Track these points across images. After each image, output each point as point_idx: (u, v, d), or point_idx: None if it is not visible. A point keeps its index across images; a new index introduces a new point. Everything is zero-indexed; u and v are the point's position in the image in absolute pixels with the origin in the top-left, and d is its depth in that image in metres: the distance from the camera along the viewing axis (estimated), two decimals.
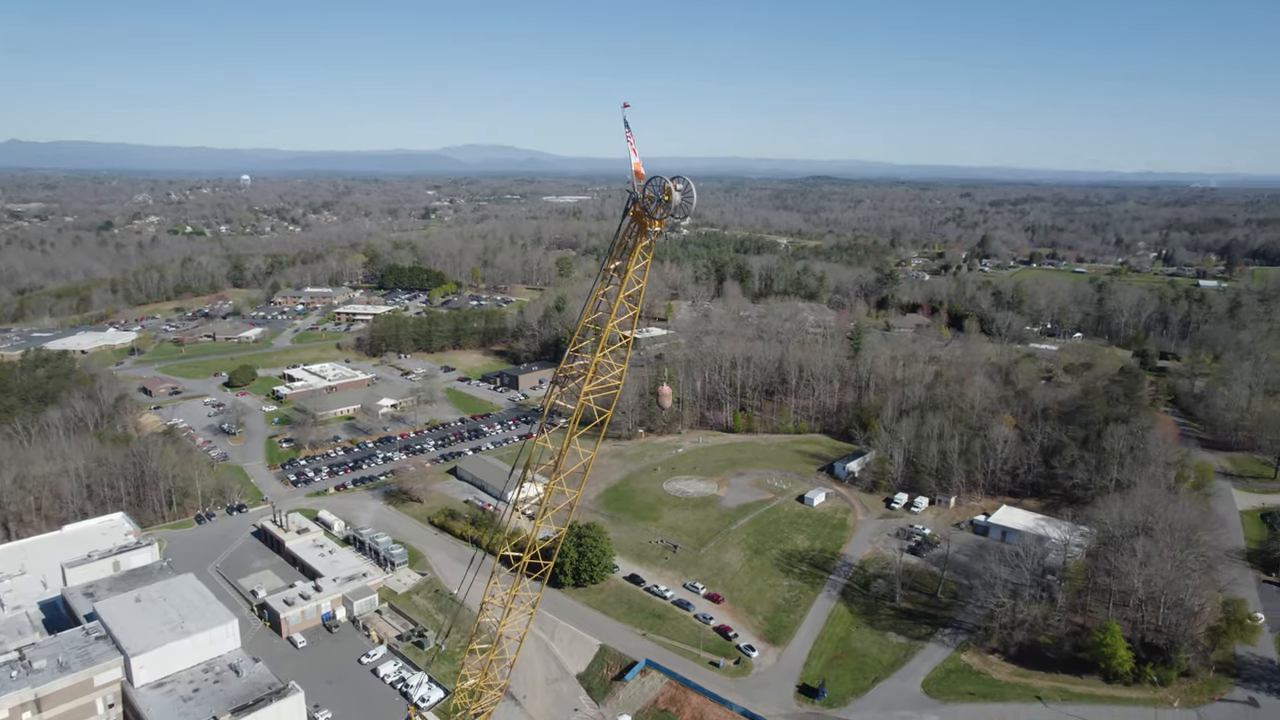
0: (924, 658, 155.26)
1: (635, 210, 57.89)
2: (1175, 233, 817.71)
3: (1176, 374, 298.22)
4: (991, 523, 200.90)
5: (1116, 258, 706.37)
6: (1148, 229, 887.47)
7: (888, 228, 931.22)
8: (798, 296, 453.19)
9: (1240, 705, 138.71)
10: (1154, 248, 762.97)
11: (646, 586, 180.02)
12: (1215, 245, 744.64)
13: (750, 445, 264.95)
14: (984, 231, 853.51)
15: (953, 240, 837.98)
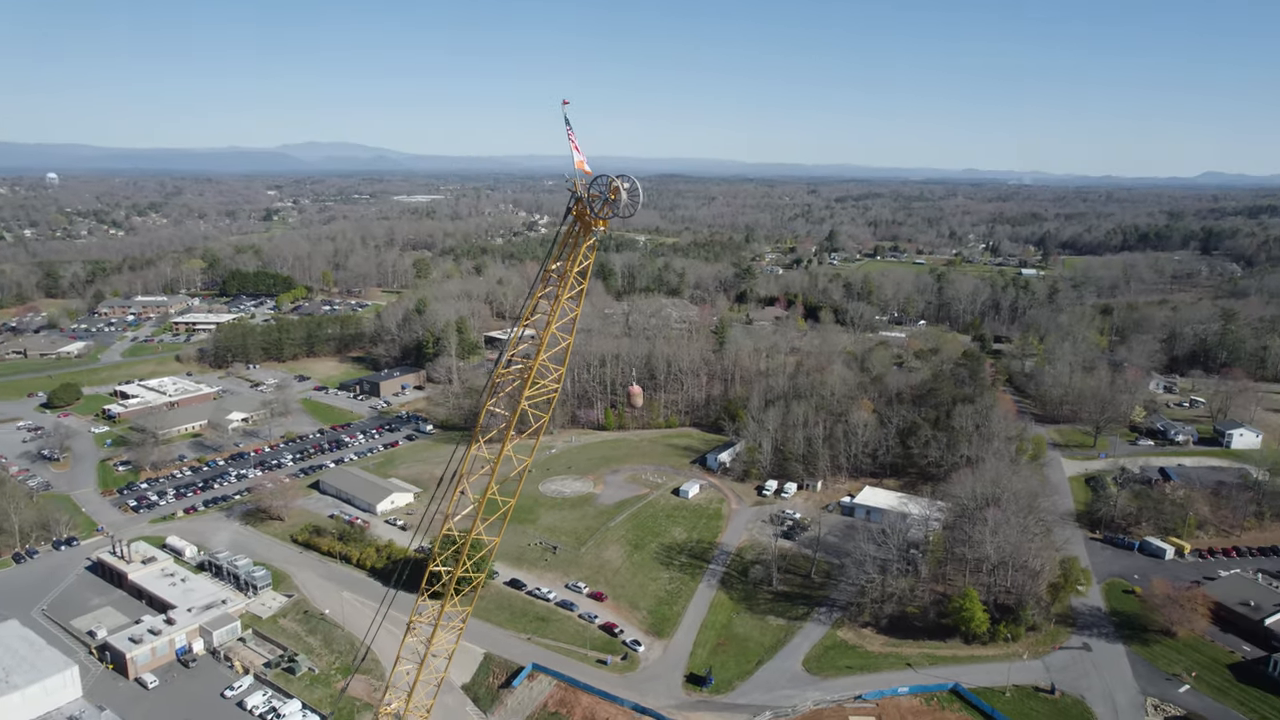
0: (803, 637, 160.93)
1: (579, 209, 56.15)
2: (999, 226, 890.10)
3: (1009, 355, 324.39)
4: (857, 503, 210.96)
5: (951, 249, 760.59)
6: (976, 223, 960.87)
7: (741, 224, 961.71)
8: (660, 293, 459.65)
9: (1077, 651, 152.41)
10: (982, 240, 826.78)
11: (528, 590, 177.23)
12: (1032, 237, 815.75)
13: (623, 442, 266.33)
14: (831, 227, 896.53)
15: (802, 235, 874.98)
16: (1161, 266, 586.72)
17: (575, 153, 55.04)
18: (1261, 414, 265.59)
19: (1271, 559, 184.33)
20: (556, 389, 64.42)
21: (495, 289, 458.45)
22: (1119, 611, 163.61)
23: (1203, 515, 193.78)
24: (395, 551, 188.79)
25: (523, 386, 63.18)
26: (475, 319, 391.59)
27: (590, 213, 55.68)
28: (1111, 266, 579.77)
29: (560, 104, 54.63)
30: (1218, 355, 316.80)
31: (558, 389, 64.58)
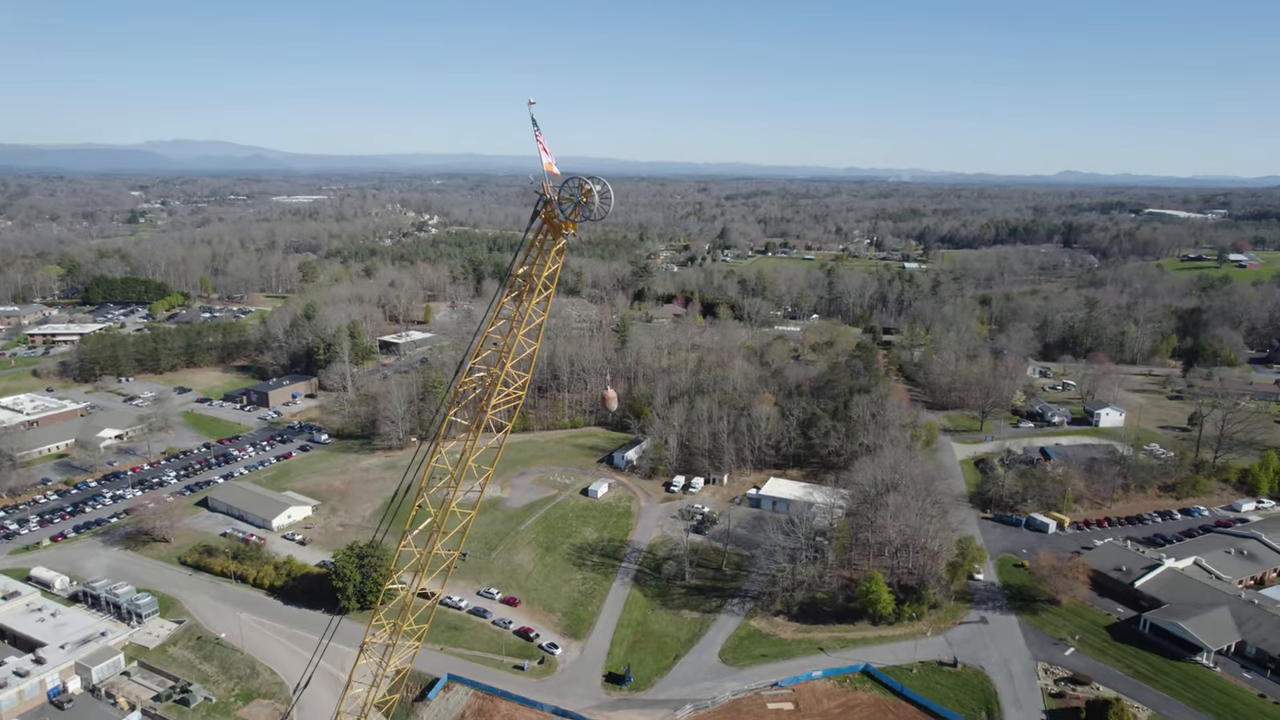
0: (718, 629, 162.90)
1: (547, 213, 54.05)
2: (882, 222, 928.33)
3: (899, 346, 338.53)
4: (763, 495, 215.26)
5: (838, 245, 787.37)
6: (860, 219, 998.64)
7: (634, 222, 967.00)
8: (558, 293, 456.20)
9: (975, 625, 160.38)
10: (867, 235, 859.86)
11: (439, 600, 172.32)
12: (913, 232, 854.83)
13: (529, 443, 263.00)
14: (723, 224, 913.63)
15: (695, 233, 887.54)
16: (1030, 259, 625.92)
17: (543, 154, 53.23)
18: (1123, 394, 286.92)
19: (1138, 526, 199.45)
20: (522, 395, 62.38)
21: (388, 292, 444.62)
22: (1010, 585, 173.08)
23: (1079, 490, 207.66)
24: (295, 568, 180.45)
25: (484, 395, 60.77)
26: (368, 323, 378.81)
27: (560, 216, 54.03)
28: (986, 259, 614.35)
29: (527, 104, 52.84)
30: (1084, 341, 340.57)
31: (523, 395, 62.52)
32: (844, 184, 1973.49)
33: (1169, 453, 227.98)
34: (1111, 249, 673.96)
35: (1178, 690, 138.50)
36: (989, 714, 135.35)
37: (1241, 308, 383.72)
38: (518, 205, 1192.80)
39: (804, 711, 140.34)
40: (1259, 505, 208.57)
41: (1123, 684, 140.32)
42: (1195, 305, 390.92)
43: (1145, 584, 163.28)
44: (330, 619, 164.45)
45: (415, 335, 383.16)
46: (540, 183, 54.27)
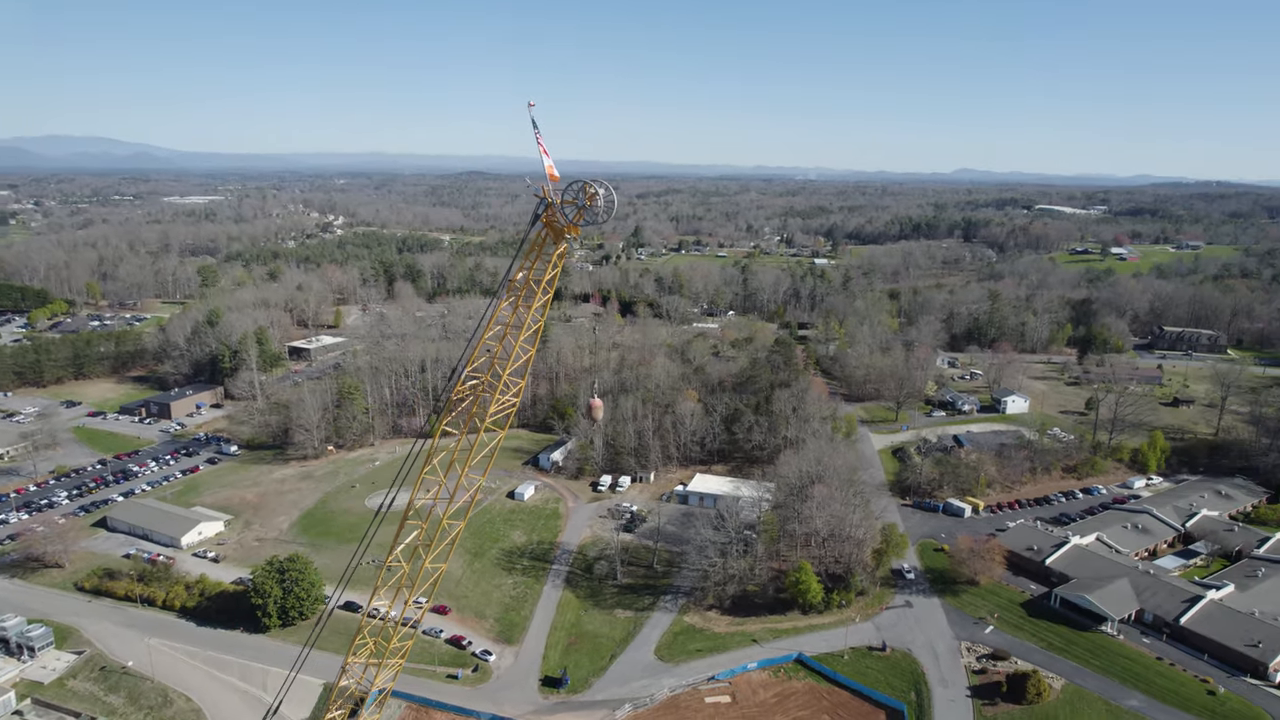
0: (652, 626, 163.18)
1: (549, 216, 52.11)
2: (791, 219, 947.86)
3: (814, 340, 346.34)
4: (690, 491, 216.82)
5: (749, 242, 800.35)
6: (769, 216, 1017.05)
7: None
8: (474, 294, 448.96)
9: (901, 609, 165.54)
10: (777, 233, 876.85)
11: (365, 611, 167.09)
12: (821, 229, 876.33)
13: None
14: (636, 222, 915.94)
15: (609, 232, 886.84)
16: (933, 253, 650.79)
17: (544, 157, 51.67)
18: (1027, 382, 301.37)
19: (1045, 507, 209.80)
20: (515, 403, 60.57)
21: (295, 295, 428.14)
22: (932, 568, 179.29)
23: (991, 475, 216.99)
24: (209, 587, 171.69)
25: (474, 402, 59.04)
26: (276, 328, 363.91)
27: (562, 219, 52.51)
28: (892, 254, 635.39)
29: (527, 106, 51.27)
30: (988, 332, 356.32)
31: (516, 403, 60.68)
32: (752, 182, 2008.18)
33: (1070, 436, 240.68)
34: (1008, 243, 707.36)
35: (1086, 659, 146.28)
36: (918, 694, 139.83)
37: (1126, 298, 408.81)
38: (425, 205, 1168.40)
39: (741, 703, 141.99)
40: (1149, 482, 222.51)
41: (1038, 656, 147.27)
42: (1085, 296, 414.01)
43: (1054, 561, 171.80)
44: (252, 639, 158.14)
45: (326, 340, 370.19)
46: (540, 186, 52.90)
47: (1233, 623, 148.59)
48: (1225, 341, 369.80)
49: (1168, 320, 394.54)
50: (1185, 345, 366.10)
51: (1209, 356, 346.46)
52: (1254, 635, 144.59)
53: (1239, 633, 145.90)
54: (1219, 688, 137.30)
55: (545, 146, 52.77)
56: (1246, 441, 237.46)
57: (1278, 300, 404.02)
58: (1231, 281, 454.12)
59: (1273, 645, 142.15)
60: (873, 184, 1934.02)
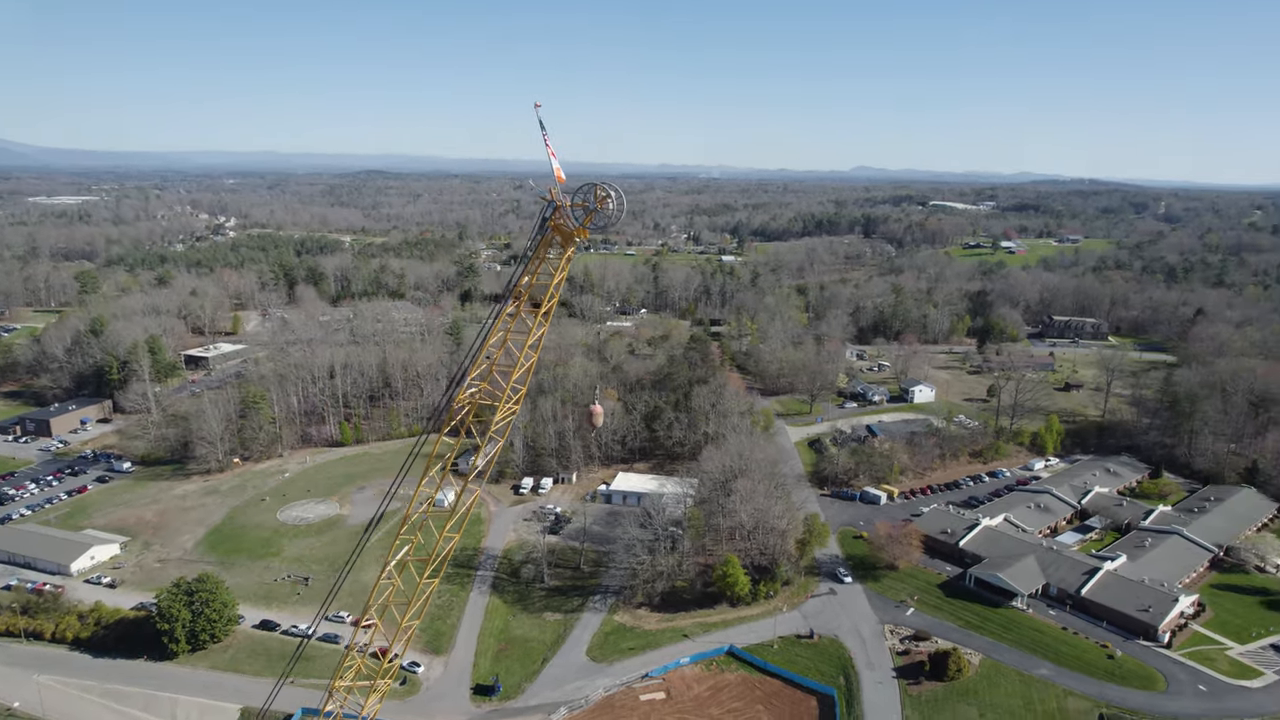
0: (582, 628, 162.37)
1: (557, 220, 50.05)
2: (698, 217, 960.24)
3: (727, 336, 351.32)
4: (614, 490, 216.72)
5: (658, 240, 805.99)
6: (676, 214, 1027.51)
7: (452, 221, 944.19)
8: (382, 295, 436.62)
9: (825, 596, 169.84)
10: (684, 230, 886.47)
11: (284, 630, 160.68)
12: (727, 226, 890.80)
13: (365, 456, 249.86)
14: None
15: (516, 231, 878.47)
16: (836, 249, 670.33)
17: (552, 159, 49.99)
18: (932, 371, 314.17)
19: (955, 491, 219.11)
20: (516, 410, 58.78)
21: (189, 302, 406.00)
22: (853, 555, 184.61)
23: (903, 462, 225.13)
24: (106, 614, 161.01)
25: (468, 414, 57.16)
26: (169, 336, 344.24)
27: (571, 223, 50.99)
28: (797, 251, 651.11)
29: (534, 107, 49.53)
30: (892, 324, 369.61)
31: (517, 410, 58.79)
32: (657, 180, 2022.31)
33: (974, 423, 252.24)
34: (905, 238, 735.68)
35: (1000, 634, 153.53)
36: (846, 678, 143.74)
37: (1017, 289, 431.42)
38: (323, 205, 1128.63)
39: (676, 699, 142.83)
40: (1047, 463, 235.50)
41: (956, 634, 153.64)
42: (980, 288, 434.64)
43: (967, 543, 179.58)
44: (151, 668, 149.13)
45: (226, 348, 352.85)
46: (548, 189, 51.49)
47: (1126, 590, 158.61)
48: (1107, 330, 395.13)
49: (1056, 310, 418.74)
50: (1072, 333, 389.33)
51: (1093, 343, 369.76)
52: (1145, 601, 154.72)
53: (1132, 599, 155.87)
54: (1117, 651, 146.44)
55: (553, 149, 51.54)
56: (1130, 422, 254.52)
57: (1149, 290, 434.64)
58: (1110, 273, 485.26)
59: (1161, 609, 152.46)
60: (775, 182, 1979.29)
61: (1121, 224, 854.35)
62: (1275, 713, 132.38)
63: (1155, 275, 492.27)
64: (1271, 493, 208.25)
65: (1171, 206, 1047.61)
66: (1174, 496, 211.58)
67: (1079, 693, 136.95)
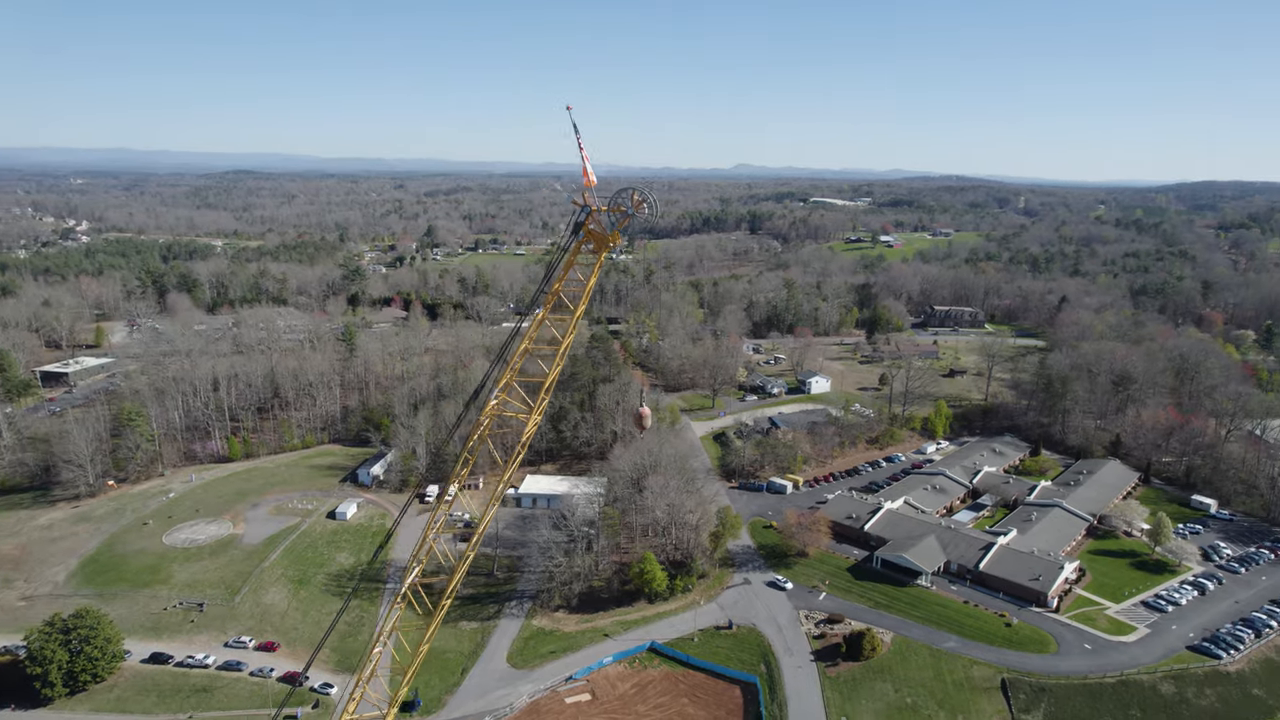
0: (500, 635, 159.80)
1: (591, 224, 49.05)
2: None
3: (627, 334, 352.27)
4: (523, 493, 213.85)
5: (547, 239, 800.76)
6: (564, 213, 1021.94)
7: (330, 223, 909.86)
8: (262, 302, 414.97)
9: (741, 587, 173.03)
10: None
11: (177, 662, 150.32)
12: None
13: (256, 471, 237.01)
14: (427, 222, 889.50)
15: (399, 232, 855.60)
16: (724, 245, 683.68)
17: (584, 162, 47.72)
18: (826, 363, 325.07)
19: (855, 477, 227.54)
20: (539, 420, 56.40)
21: (41, 313, 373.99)
22: (764, 545, 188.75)
23: (806, 452, 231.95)
24: None
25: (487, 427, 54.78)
26: (21, 351, 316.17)
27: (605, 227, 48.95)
28: (687, 248, 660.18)
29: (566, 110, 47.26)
30: (785, 318, 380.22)
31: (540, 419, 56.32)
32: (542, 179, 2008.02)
33: (869, 411, 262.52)
34: (790, 234, 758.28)
35: (908, 611, 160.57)
36: (767, 665, 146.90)
37: (899, 281, 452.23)
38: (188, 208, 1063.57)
39: (602, 699, 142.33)
40: (939, 446, 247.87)
41: (868, 615, 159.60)
42: (865, 281, 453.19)
43: (871, 526, 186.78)
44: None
45: (89, 361, 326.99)
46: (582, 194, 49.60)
47: (1018, 562, 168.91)
48: (983, 318, 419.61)
49: (935, 300, 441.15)
50: (952, 322, 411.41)
51: (972, 331, 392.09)
52: (1035, 571, 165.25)
53: (1024, 570, 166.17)
54: (1013, 619, 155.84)
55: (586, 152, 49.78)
56: (1010, 404, 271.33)
57: (1017, 280, 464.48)
58: (983, 265, 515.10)
59: (1049, 577, 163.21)
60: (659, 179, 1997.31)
61: (988, 218, 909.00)
62: (1149, 663, 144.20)
63: (1021, 265, 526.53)
64: (1132, 463, 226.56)
65: (1030, 201, 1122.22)
66: (1052, 471, 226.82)
67: (983, 661, 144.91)
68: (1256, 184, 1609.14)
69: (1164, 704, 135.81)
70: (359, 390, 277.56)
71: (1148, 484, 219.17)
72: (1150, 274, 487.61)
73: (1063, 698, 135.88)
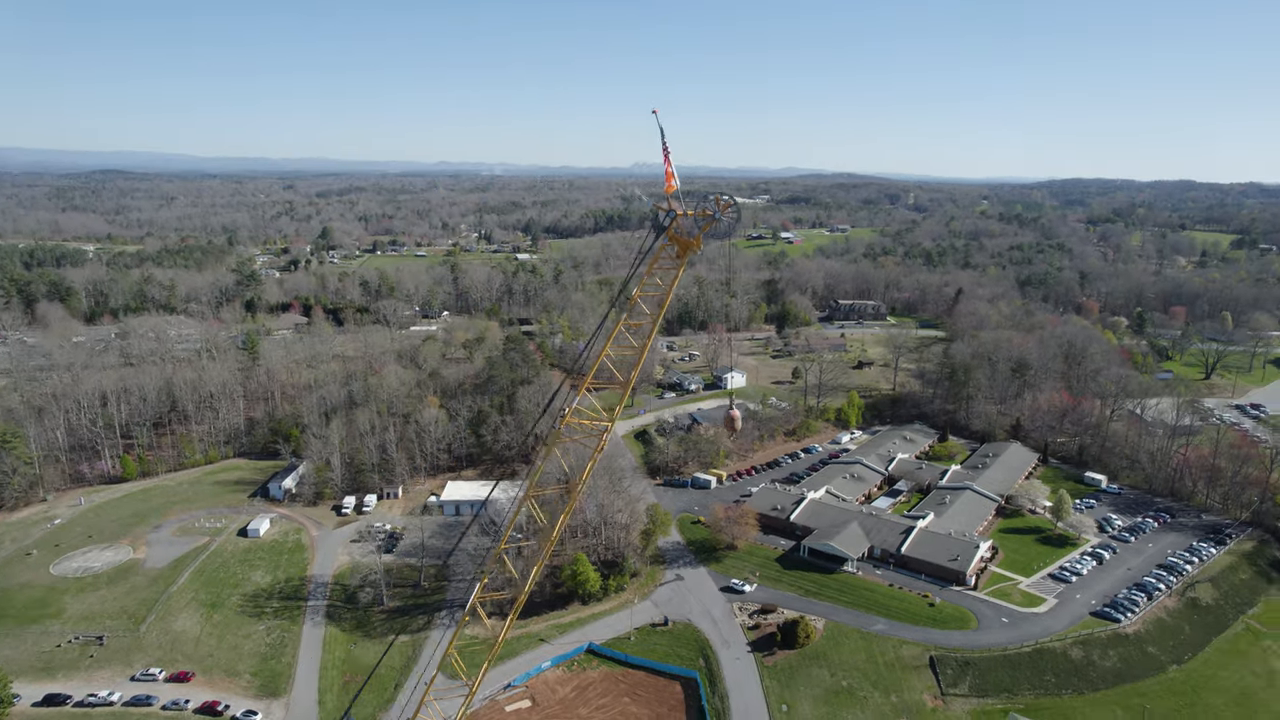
0: (433, 646, 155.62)
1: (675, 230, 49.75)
2: (487, 215, 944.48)
3: (539, 335, 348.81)
4: (445, 500, 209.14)
5: (448, 240, 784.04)
6: (464, 213, 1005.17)
7: (217, 226, 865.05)
8: (150, 310, 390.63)
9: (673, 583, 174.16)
10: (474, 229, 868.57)
11: (76, 702, 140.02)
12: (518, 224, 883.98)
13: (156, 490, 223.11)
14: (321, 224, 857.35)
15: (292, 235, 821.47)
16: (629, 244, 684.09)
17: (668, 166, 45.98)
18: (740, 358, 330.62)
19: (776, 469, 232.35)
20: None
21: None
22: (694, 540, 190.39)
23: (727, 447, 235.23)
24: None
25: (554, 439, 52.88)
26: None
27: (691, 231, 49.73)
28: (592, 246, 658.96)
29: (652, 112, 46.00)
30: (697, 315, 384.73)
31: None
32: (439, 178, 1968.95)
33: (785, 404, 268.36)
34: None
35: (837, 597, 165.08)
36: (705, 659, 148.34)
37: (804, 277, 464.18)
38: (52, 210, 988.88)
39: (542, 704, 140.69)
40: (853, 436, 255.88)
41: (799, 603, 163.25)
42: (771, 277, 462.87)
43: (797, 516, 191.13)
44: None
45: None
46: (666, 200, 48.23)
47: (937, 544, 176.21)
48: (885, 311, 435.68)
49: (839, 294, 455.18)
50: (856, 315, 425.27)
51: (875, 324, 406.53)
52: (953, 551, 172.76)
53: (943, 551, 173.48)
54: (936, 599, 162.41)
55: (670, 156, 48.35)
56: (917, 393, 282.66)
57: (914, 273, 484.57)
58: (883, 260, 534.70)
59: (966, 556, 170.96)
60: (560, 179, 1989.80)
61: (880, 214, 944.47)
62: (1059, 631, 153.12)
63: (916, 259, 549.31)
64: (1032, 445, 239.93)
65: (919, 198, 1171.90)
66: (960, 456, 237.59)
67: (911, 640, 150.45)
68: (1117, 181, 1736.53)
69: (1074, 668, 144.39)
70: (264, 401, 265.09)
71: (1046, 464, 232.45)
72: (1033, 265, 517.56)
73: (986, 670, 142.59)
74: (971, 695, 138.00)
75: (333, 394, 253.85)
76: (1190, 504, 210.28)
